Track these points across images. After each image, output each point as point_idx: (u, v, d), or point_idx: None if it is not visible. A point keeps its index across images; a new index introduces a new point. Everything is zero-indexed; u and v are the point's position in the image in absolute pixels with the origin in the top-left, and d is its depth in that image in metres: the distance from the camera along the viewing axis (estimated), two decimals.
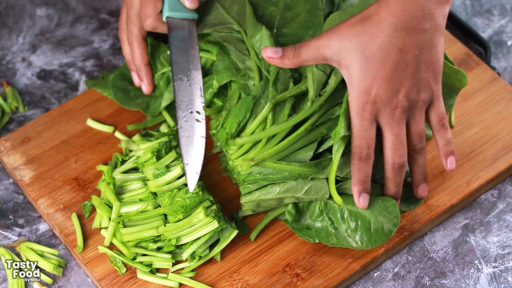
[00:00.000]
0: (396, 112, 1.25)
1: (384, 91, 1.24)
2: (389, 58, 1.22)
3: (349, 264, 1.31)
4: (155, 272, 1.30)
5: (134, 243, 1.31)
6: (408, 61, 1.23)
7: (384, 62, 1.23)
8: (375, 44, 1.22)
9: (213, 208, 1.30)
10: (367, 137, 1.26)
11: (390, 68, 1.23)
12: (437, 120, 1.30)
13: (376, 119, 1.26)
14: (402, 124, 1.27)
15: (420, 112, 1.28)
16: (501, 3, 1.64)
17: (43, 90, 1.52)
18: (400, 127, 1.27)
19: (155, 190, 1.32)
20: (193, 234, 1.29)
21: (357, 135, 1.26)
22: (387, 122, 1.26)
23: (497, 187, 1.41)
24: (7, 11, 1.60)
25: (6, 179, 1.42)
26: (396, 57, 1.23)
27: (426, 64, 1.24)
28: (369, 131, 1.26)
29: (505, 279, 1.33)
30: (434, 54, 1.25)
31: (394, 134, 1.27)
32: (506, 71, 1.55)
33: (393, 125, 1.26)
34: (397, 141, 1.27)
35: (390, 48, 1.22)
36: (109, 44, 1.57)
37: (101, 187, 1.36)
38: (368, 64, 1.23)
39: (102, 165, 1.39)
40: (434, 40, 1.24)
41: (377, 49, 1.23)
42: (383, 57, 1.22)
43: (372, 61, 1.23)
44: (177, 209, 1.29)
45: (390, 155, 1.28)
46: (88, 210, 1.35)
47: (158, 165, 1.32)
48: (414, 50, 1.23)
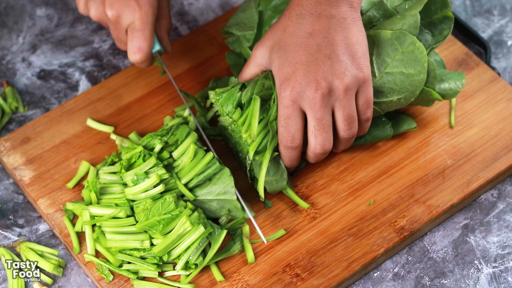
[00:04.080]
0: (317, 95, 1.26)
1: (301, 75, 1.26)
2: (301, 43, 1.26)
3: (349, 264, 1.31)
4: (141, 279, 1.30)
5: (118, 250, 1.30)
6: (320, 44, 1.26)
7: (297, 47, 1.27)
8: (287, 34, 1.28)
9: (195, 215, 1.29)
10: (290, 125, 1.28)
11: (303, 52, 1.26)
12: (363, 107, 1.31)
13: (300, 106, 1.27)
14: (325, 109, 1.27)
15: (346, 96, 1.28)
16: (501, 3, 1.64)
17: (43, 90, 1.52)
18: (323, 112, 1.27)
19: (132, 197, 1.31)
20: (182, 244, 1.28)
21: (280, 124, 1.29)
22: (308, 106, 1.27)
23: (497, 187, 1.41)
24: (7, 11, 1.60)
25: (6, 179, 1.42)
26: (307, 41, 1.26)
27: (340, 46, 1.27)
28: (291, 119, 1.28)
29: (505, 279, 1.33)
30: (348, 37, 1.27)
31: (316, 119, 1.28)
32: (506, 71, 1.55)
33: (315, 109, 1.27)
34: (319, 126, 1.28)
35: (300, 34, 1.27)
36: (109, 44, 1.57)
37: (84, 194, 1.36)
38: (284, 53, 1.28)
39: (85, 162, 1.39)
40: (345, 24, 1.26)
41: (289, 38, 1.28)
42: (296, 44, 1.27)
43: (287, 50, 1.28)
44: (154, 225, 1.29)
45: (312, 141, 1.30)
46: (71, 214, 1.35)
47: (137, 171, 1.32)
48: (324, 33, 1.26)
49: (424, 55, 1.31)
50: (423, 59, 1.31)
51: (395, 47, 1.31)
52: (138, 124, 1.45)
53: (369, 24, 1.36)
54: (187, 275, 1.30)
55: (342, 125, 1.30)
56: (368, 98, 1.30)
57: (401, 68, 1.32)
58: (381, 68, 1.32)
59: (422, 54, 1.31)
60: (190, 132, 1.34)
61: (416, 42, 1.31)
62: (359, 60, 1.27)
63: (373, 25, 1.36)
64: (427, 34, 1.37)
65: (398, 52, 1.31)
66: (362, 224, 1.35)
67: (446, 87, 1.39)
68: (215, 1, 1.62)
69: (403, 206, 1.37)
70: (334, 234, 1.34)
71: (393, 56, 1.32)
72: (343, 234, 1.34)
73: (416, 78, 1.32)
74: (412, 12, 1.32)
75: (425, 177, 1.39)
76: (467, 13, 1.63)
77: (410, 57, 1.31)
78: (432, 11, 1.36)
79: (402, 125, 1.42)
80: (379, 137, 1.40)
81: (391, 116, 1.42)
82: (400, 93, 1.33)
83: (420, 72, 1.32)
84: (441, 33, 1.37)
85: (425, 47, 1.34)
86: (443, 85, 1.38)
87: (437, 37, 1.37)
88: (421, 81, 1.33)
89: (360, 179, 1.39)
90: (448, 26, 1.37)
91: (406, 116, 1.42)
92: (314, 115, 1.27)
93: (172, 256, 1.29)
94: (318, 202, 1.37)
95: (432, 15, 1.37)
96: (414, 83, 1.32)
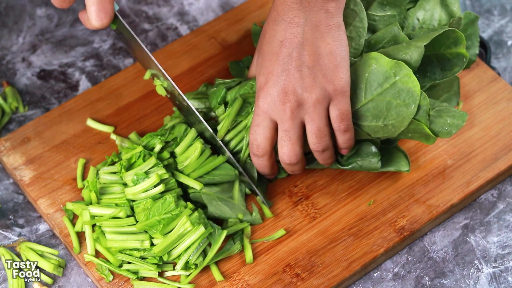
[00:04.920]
0: (285, 108, 1.25)
1: (272, 85, 1.25)
2: (275, 52, 1.24)
3: (349, 264, 1.31)
4: (141, 279, 1.30)
5: (118, 250, 1.30)
6: (291, 54, 1.23)
7: (272, 56, 1.25)
8: (265, 41, 1.26)
9: (195, 215, 1.30)
10: (256, 133, 1.28)
11: (276, 62, 1.24)
12: (337, 121, 1.27)
13: (270, 116, 1.27)
14: (293, 121, 1.26)
15: (315, 110, 1.25)
16: (501, 3, 1.64)
17: (43, 90, 1.52)
18: (291, 124, 1.26)
19: (132, 197, 1.31)
20: (182, 243, 1.28)
21: (250, 130, 1.30)
22: (278, 117, 1.27)
23: (497, 187, 1.41)
24: (7, 11, 1.60)
25: (6, 179, 1.42)
26: (280, 50, 1.24)
27: (312, 58, 1.23)
28: (260, 127, 1.28)
29: (505, 279, 1.33)
30: (321, 46, 1.23)
31: (283, 130, 1.27)
32: (506, 71, 1.55)
33: (283, 120, 1.26)
34: (285, 137, 1.28)
35: (274, 42, 1.24)
36: (109, 44, 1.57)
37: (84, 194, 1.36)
38: (262, 60, 1.26)
39: (81, 159, 1.39)
40: (318, 32, 1.22)
41: (265, 45, 1.26)
42: (271, 52, 1.25)
43: (264, 57, 1.26)
44: (154, 224, 1.29)
45: (279, 151, 1.29)
46: (71, 214, 1.35)
47: (137, 171, 1.32)
48: (296, 42, 1.23)
49: (417, 89, 1.26)
50: (416, 92, 1.26)
51: (389, 75, 1.27)
52: (138, 124, 1.45)
53: (377, 44, 1.33)
54: (187, 275, 1.30)
55: (311, 138, 1.28)
56: (341, 110, 1.26)
57: (389, 98, 1.28)
58: (368, 93, 1.29)
59: (415, 88, 1.26)
60: (188, 129, 1.35)
61: (411, 75, 1.26)
62: (331, 72, 1.24)
63: (382, 46, 1.32)
64: (436, 68, 1.33)
65: (390, 82, 1.27)
66: (362, 224, 1.35)
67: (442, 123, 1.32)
68: (215, 1, 1.62)
69: (403, 206, 1.37)
70: (334, 234, 1.34)
71: (384, 85, 1.28)
72: (343, 234, 1.34)
73: (405, 109, 1.27)
74: (418, 44, 1.28)
75: (425, 177, 1.39)
76: None
77: (402, 88, 1.27)
78: (446, 45, 1.31)
79: (393, 164, 1.37)
80: (366, 167, 1.36)
81: (387, 150, 1.38)
82: (386, 120, 1.29)
83: (409, 104, 1.27)
84: (451, 69, 1.32)
85: (431, 80, 1.31)
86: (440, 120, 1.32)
87: (446, 73, 1.32)
88: (410, 113, 1.27)
89: (360, 179, 1.39)
90: (460, 64, 1.31)
91: (402, 155, 1.37)
92: (282, 126, 1.27)
93: (172, 256, 1.29)
94: (318, 202, 1.37)
95: (445, 49, 1.32)
96: (402, 113, 1.27)
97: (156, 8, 1.61)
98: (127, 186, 1.32)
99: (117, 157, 1.37)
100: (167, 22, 1.60)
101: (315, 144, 1.29)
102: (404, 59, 1.28)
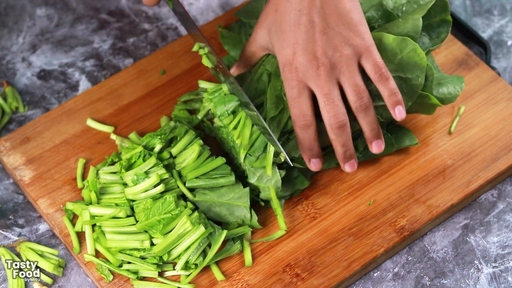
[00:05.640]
0: (320, 72, 1.26)
1: (301, 54, 1.26)
2: (294, 22, 1.26)
3: (349, 264, 1.31)
4: (141, 279, 1.30)
5: (118, 250, 1.30)
6: (313, 19, 1.26)
7: (292, 27, 1.27)
8: (279, 14, 1.28)
9: (196, 215, 1.29)
10: (299, 105, 1.28)
11: (299, 31, 1.26)
12: (374, 71, 1.28)
13: (307, 85, 1.28)
14: (331, 83, 1.27)
15: (348, 67, 1.27)
16: (501, 3, 1.64)
17: (43, 90, 1.52)
18: (330, 86, 1.27)
19: (132, 197, 1.31)
20: (182, 243, 1.28)
21: (290, 105, 1.29)
22: (314, 84, 1.27)
23: (497, 187, 1.41)
24: (7, 11, 1.60)
25: (6, 179, 1.42)
26: (300, 19, 1.26)
27: (334, 18, 1.26)
28: (300, 98, 1.28)
29: (505, 279, 1.33)
30: (339, 7, 1.26)
31: (324, 94, 1.27)
32: (506, 71, 1.55)
33: (321, 85, 1.27)
34: (328, 101, 1.28)
35: (291, 13, 1.26)
36: (109, 44, 1.57)
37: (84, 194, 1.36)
38: (282, 34, 1.28)
39: (81, 159, 1.39)
40: None
41: (282, 18, 1.27)
42: (290, 23, 1.27)
43: (283, 30, 1.27)
44: (154, 224, 1.29)
45: (325, 116, 1.29)
46: (71, 214, 1.35)
47: (137, 171, 1.32)
48: (314, 8, 1.26)
49: (424, 61, 1.30)
50: (422, 64, 1.30)
51: (395, 52, 1.31)
52: (138, 124, 1.45)
53: (368, 25, 1.35)
54: (187, 275, 1.30)
55: (351, 96, 1.28)
56: (375, 61, 1.27)
57: (399, 73, 1.31)
58: None
59: (422, 60, 1.30)
60: (189, 130, 1.35)
61: (417, 49, 1.30)
62: (355, 28, 1.27)
63: (372, 26, 1.36)
64: (424, 37, 1.36)
65: (397, 58, 1.31)
66: (362, 224, 1.35)
67: (445, 91, 1.38)
68: (215, 1, 1.62)
69: (403, 206, 1.37)
70: (334, 234, 1.34)
71: (392, 61, 1.31)
72: (343, 234, 1.34)
73: (414, 82, 1.31)
74: (415, 17, 1.32)
75: (425, 177, 1.39)
76: (467, 13, 1.63)
77: (410, 62, 1.30)
78: (432, 14, 1.36)
79: (404, 141, 1.40)
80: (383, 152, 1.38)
81: (392, 130, 1.40)
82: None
83: (418, 77, 1.31)
84: (438, 36, 1.37)
85: (422, 50, 1.33)
86: (442, 89, 1.38)
87: (435, 40, 1.37)
88: (418, 85, 1.31)
89: (360, 179, 1.39)
90: (446, 30, 1.37)
91: (407, 131, 1.41)
92: (321, 91, 1.27)
93: (172, 256, 1.29)
94: (318, 202, 1.37)
95: (431, 18, 1.36)
96: (412, 87, 1.31)
97: (156, 8, 1.61)
98: (127, 186, 1.33)
99: (117, 157, 1.37)
100: (167, 22, 1.60)
101: (356, 101, 1.28)
102: (407, 34, 1.32)
